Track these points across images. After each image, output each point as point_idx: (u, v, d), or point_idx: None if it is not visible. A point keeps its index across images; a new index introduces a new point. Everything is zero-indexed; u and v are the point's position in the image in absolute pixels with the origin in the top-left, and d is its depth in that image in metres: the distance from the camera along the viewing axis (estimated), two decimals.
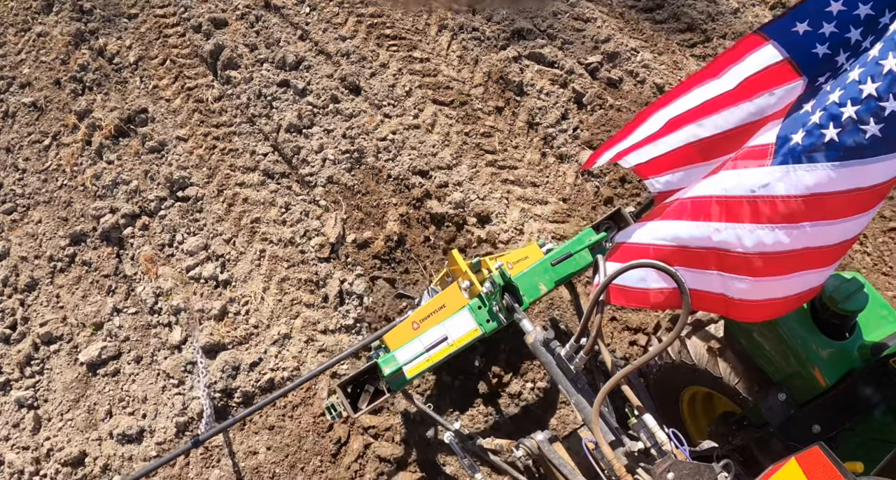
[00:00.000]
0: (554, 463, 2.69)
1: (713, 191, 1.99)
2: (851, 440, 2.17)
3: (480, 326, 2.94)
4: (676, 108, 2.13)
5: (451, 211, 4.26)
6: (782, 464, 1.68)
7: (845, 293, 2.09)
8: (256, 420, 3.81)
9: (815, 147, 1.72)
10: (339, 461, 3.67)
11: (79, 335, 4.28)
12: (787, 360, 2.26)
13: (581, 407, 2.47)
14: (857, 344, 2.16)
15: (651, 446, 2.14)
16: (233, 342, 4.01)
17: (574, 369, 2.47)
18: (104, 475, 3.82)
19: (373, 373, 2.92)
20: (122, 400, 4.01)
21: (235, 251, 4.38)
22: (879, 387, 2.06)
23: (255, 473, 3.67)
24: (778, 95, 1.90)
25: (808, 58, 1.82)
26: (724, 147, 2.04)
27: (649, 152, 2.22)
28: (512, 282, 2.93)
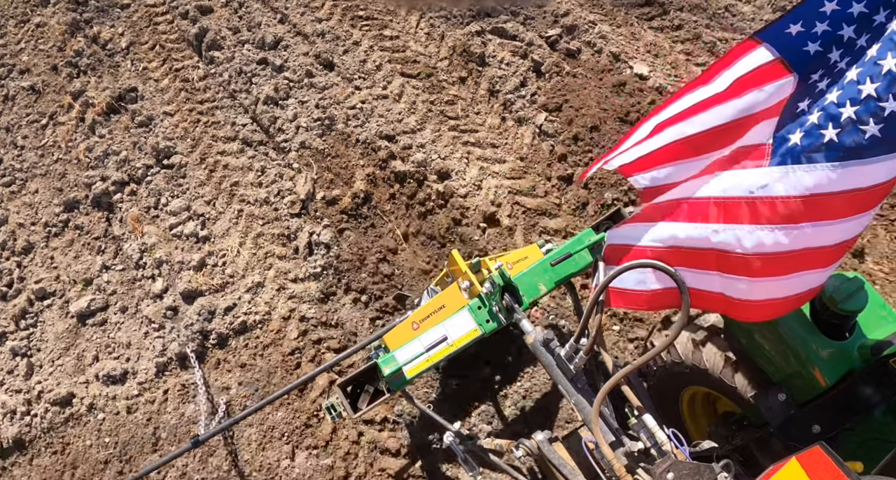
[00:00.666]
0: (554, 463, 2.71)
1: (711, 192, 2.01)
2: (851, 440, 2.17)
3: (480, 326, 2.96)
4: (665, 114, 2.16)
5: (412, 169, 4.63)
6: (783, 464, 1.69)
7: (845, 293, 2.10)
8: (230, 360, 4.16)
9: (815, 147, 1.73)
10: (305, 395, 4.00)
11: (70, 290, 4.67)
12: (787, 360, 2.27)
13: (581, 407, 2.50)
14: (857, 344, 2.17)
15: (651, 446, 2.16)
16: (210, 289, 4.38)
17: (574, 369, 2.49)
18: (90, 413, 4.18)
19: (373, 373, 2.96)
20: (108, 346, 4.39)
21: (215, 211, 4.77)
22: (879, 387, 2.07)
23: (227, 406, 4.01)
24: (768, 92, 1.90)
25: (800, 56, 1.84)
26: (713, 143, 2.06)
27: (635, 153, 2.23)
28: (512, 283, 2.95)
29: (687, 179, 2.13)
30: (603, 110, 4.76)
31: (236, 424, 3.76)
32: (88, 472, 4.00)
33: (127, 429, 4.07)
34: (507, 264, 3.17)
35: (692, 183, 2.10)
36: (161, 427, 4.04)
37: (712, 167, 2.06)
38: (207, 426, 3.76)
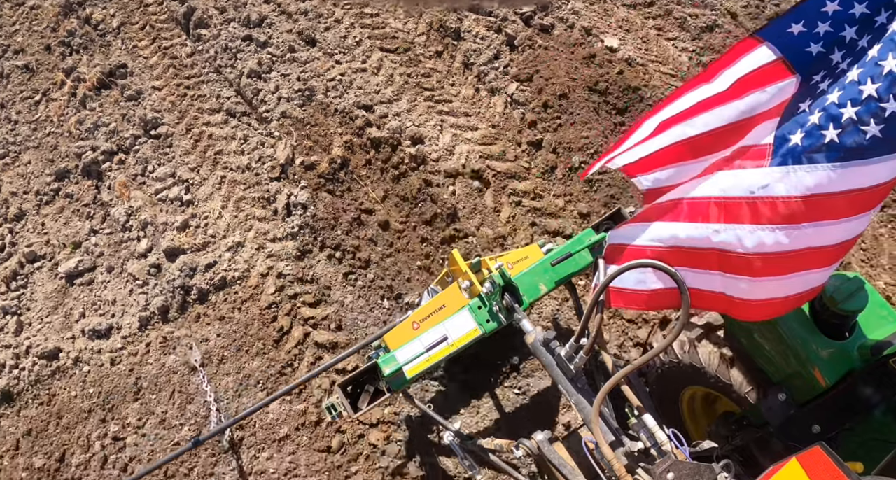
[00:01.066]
0: (554, 463, 2.73)
1: (711, 192, 2.02)
2: (851, 440, 2.18)
3: (480, 326, 2.99)
4: (667, 113, 2.17)
5: (387, 135, 4.85)
6: (783, 464, 1.70)
7: (845, 293, 2.11)
8: (210, 314, 4.37)
9: (815, 148, 1.75)
10: (280, 346, 4.21)
11: (59, 253, 4.90)
12: (787, 360, 2.29)
13: (581, 407, 2.53)
14: (857, 344, 2.18)
15: (651, 446, 2.19)
16: (192, 248, 4.60)
17: (574, 369, 2.52)
18: (75, 366, 4.39)
19: (373, 373, 3.01)
20: (94, 303, 4.60)
21: (199, 177, 5.00)
22: (879, 387, 2.09)
23: (206, 356, 4.21)
24: (770, 93, 1.91)
25: (802, 56, 1.84)
26: (715, 144, 2.07)
27: (638, 153, 2.24)
28: (512, 282, 2.98)
29: (689, 180, 2.14)
30: (572, 80, 4.98)
31: (235, 424, 3.79)
32: (73, 421, 4.20)
33: (110, 380, 4.28)
34: (508, 264, 3.20)
35: (693, 183, 2.12)
36: (142, 377, 4.24)
37: (713, 168, 2.08)
38: (208, 426, 3.82)
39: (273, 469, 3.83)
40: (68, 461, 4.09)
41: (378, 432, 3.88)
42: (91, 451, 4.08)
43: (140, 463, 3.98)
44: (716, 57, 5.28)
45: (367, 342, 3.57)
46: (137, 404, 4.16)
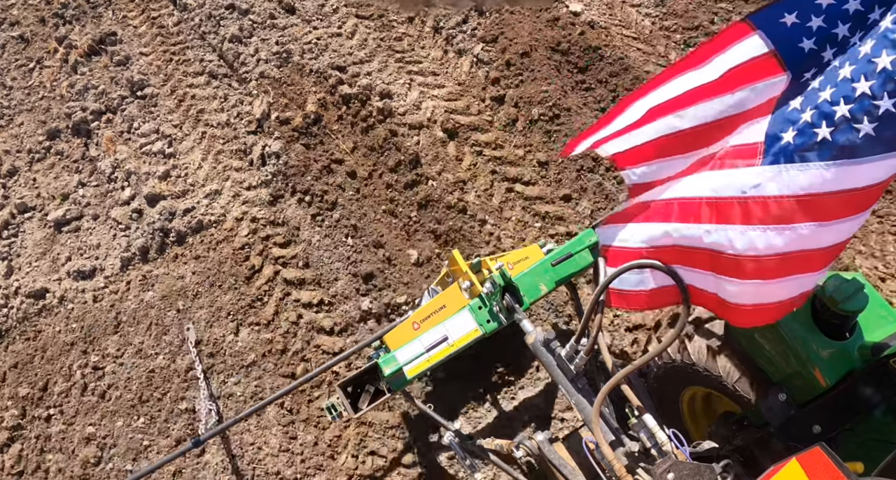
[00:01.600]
0: (554, 463, 2.75)
1: (702, 192, 2.00)
2: (852, 440, 2.20)
3: (481, 326, 3.02)
4: (657, 98, 2.14)
5: (358, 91, 5.16)
6: (783, 465, 1.71)
7: (845, 293, 2.12)
8: (186, 254, 4.68)
9: (808, 146, 1.72)
10: (251, 282, 4.50)
11: (49, 205, 5.22)
12: (787, 360, 2.30)
13: (581, 407, 2.54)
14: (858, 345, 2.19)
15: (651, 446, 2.20)
16: (172, 195, 4.92)
17: (574, 369, 2.54)
18: (60, 304, 4.70)
19: (373, 373, 3.03)
20: (79, 248, 4.92)
21: (181, 133, 5.33)
22: (879, 387, 2.10)
23: (181, 292, 4.51)
24: (759, 90, 1.89)
25: (794, 52, 1.81)
26: (703, 139, 2.05)
27: (627, 141, 2.22)
28: (512, 283, 3.01)
29: (676, 176, 2.14)
30: (535, 40, 5.28)
31: (235, 424, 3.81)
32: (56, 353, 4.51)
33: (92, 315, 4.58)
34: (508, 264, 3.24)
35: (682, 181, 2.11)
36: (122, 312, 4.55)
37: (700, 164, 2.07)
38: (207, 426, 3.86)
39: (240, 393, 4.12)
40: (51, 390, 4.39)
41: (315, 313, 4.16)
42: (72, 380, 4.38)
43: (117, 390, 4.27)
44: (678, 23, 5.59)
45: (367, 342, 3.61)
46: (116, 336, 4.46)
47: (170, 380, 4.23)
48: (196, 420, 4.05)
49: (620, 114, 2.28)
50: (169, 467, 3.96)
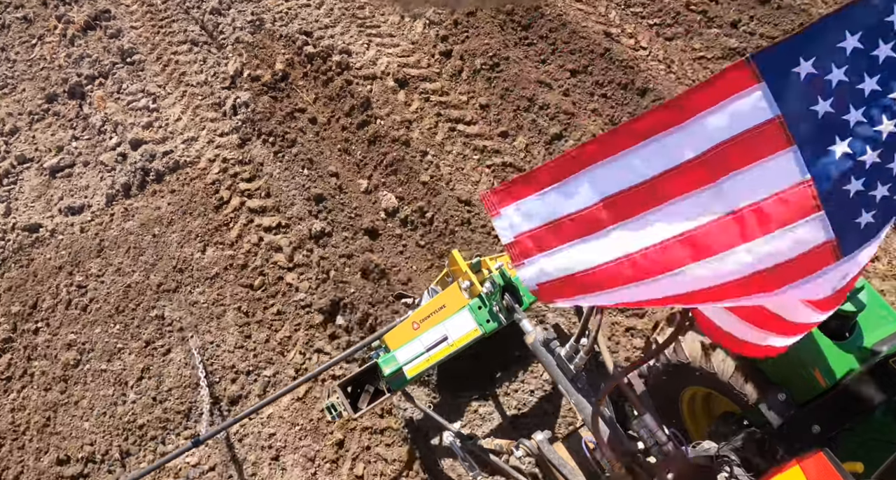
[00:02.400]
0: (554, 463, 2.76)
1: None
2: (851, 440, 2.21)
3: (480, 326, 3.06)
4: (613, 177, 1.71)
5: (321, 50, 5.82)
6: (785, 468, 1.71)
7: None
8: (164, 189, 5.30)
9: None
10: (219, 211, 5.11)
11: (45, 156, 5.90)
12: (787, 360, 2.28)
13: (581, 407, 2.56)
14: (857, 345, 2.21)
15: (651, 446, 2.21)
16: (153, 141, 5.57)
17: (574, 369, 2.56)
18: (52, 237, 5.33)
19: (373, 373, 3.06)
20: (71, 190, 5.57)
21: (165, 92, 6.01)
22: (879, 387, 2.11)
23: (158, 220, 5.12)
24: (756, 174, 1.53)
25: (805, 118, 1.47)
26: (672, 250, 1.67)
27: (558, 259, 1.88)
28: (512, 283, 3.04)
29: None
30: (481, 1, 5.92)
31: (235, 424, 3.93)
32: (45, 276, 5.11)
33: (79, 243, 5.20)
34: (508, 264, 3.26)
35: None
36: (105, 239, 5.16)
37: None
38: (208, 425, 3.97)
39: (203, 300, 4.68)
40: (39, 306, 4.98)
41: (295, 274, 4.72)
42: (58, 297, 4.97)
43: (97, 303, 4.85)
44: None
45: (366, 342, 3.65)
46: (99, 259, 5.07)
47: (143, 293, 4.81)
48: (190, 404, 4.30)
49: (555, 183, 1.82)
50: (138, 363, 4.52)
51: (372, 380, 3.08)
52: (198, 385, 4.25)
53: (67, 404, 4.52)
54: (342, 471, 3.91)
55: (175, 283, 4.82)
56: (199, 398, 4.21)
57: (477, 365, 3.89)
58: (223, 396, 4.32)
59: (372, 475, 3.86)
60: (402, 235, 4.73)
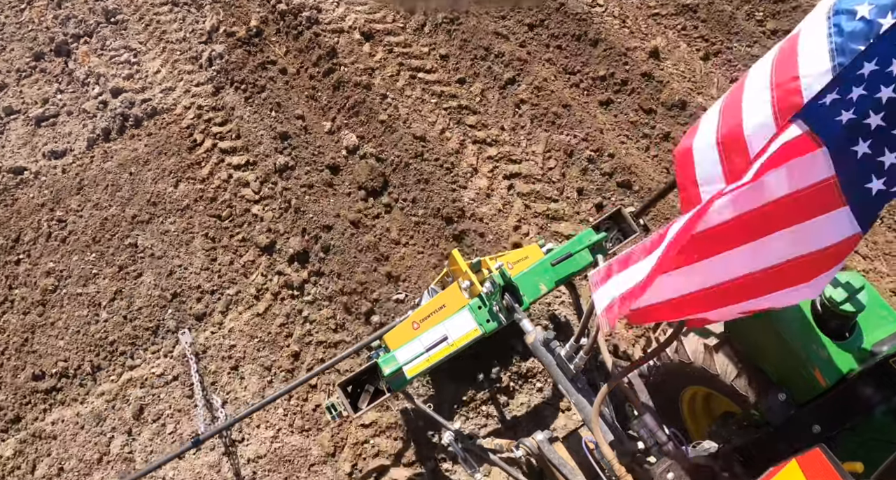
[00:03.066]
0: (554, 463, 2.79)
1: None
2: (852, 440, 2.22)
3: (480, 326, 3.09)
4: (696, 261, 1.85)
5: (293, 7, 6.21)
6: (783, 466, 1.75)
7: (846, 294, 2.16)
8: (141, 133, 5.68)
9: None
10: (193, 152, 5.48)
11: (31, 108, 6.28)
12: (787, 360, 2.34)
13: (581, 407, 2.60)
14: (858, 345, 2.24)
15: (651, 446, 2.26)
16: (133, 90, 5.95)
17: (574, 369, 2.59)
18: (35, 179, 5.70)
19: (373, 373, 3.10)
20: (54, 137, 5.94)
21: (146, 48, 6.40)
22: (879, 387, 2.13)
23: (134, 161, 5.49)
24: (786, 172, 1.65)
25: (831, 126, 1.63)
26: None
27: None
28: (512, 282, 3.08)
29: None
30: None
31: (236, 424, 4.04)
32: (28, 213, 5.48)
33: (60, 183, 5.57)
34: (508, 264, 3.32)
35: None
36: (85, 178, 5.53)
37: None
38: (207, 425, 4.05)
39: (174, 229, 5.05)
40: (22, 240, 5.35)
41: (260, 206, 5.08)
42: (40, 231, 5.34)
43: (75, 235, 5.21)
44: None
45: (366, 342, 3.68)
46: (79, 196, 5.44)
47: (118, 225, 5.17)
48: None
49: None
50: (111, 286, 4.87)
51: (372, 380, 3.13)
52: (191, 383, 4.32)
53: (44, 326, 4.88)
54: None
55: (148, 215, 5.18)
56: (194, 395, 4.27)
57: (477, 365, 4.00)
58: (189, 314, 4.67)
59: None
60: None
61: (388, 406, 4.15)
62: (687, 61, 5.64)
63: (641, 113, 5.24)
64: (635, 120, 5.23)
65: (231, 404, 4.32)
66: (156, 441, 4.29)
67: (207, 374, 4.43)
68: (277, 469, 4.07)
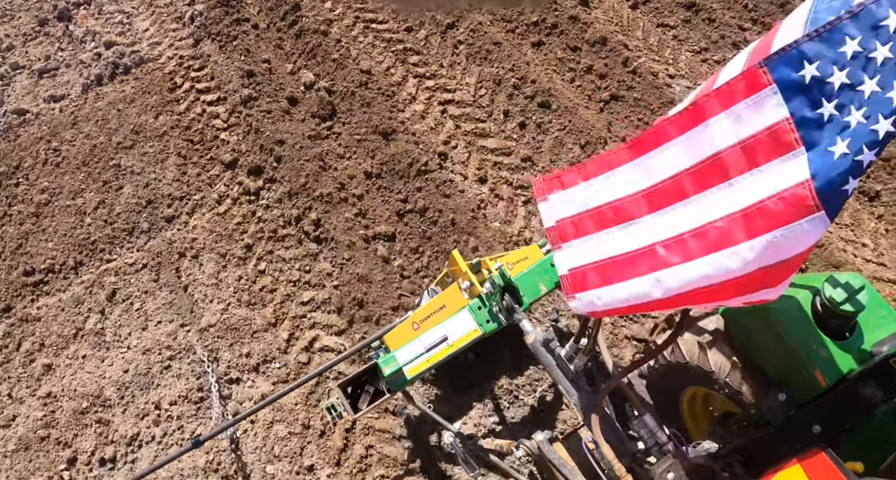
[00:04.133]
0: (554, 463, 2.84)
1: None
2: (852, 440, 2.26)
3: (480, 326, 3.17)
4: (643, 174, 1.97)
5: None
6: (785, 466, 1.76)
7: (846, 294, 2.20)
8: (129, 79, 6.60)
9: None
10: (173, 92, 6.38)
11: (35, 63, 7.25)
12: (787, 360, 2.38)
13: (581, 407, 2.64)
14: (858, 345, 2.28)
15: (651, 446, 2.32)
16: (123, 43, 6.91)
17: (574, 369, 2.64)
18: (36, 119, 6.62)
19: (373, 374, 3.17)
20: (54, 85, 6.89)
21: (137, 11, 7.39)
22: (879, 387, 2.16)
23: (122, 99, 6.39)
24: (764, 171, 1.70)
25: (811, 121, 1.63)
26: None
27: (584, 249, 2.10)
28: (512, 283, 3.16)
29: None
30: None
31: (237, 423, 4.18)
32: (28, 145, 6.39)
33: (57, 119, 6.49)
34: (508, 264, 3.38)
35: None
36: (79, 116, 6.44)
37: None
38: (217, 419, 4.26)
39: (152, 151, 5.90)
40: (22, 167, 6.24)
41: (227, 132, 5.92)
42: (37, 159, 6.23)
43: (67, 160, 6.09)
44: None
45: (367, 342, 3.76)
46: (73, 129, 6.34)
47: (105, 150, 6.05)
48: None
49: (593, 177, 2.13)
50: (95, 198, 5.71)
51: (372, 381, 3.22)
52: (209, 390, 4.58)
53: (37, 233, 5.73)
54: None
55: (131, 142, 6.06)
56: (210, 400, 4.55)
57: (477, 365, 4.13)
58: (161, 217, 5.49)
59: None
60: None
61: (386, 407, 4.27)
62: (616, 9, 6.45)
63: (568, 50, 6.05)
64: (562, 56, 6.03)
65: (191, 286, 5.10)
66: (124, 317, 5.08)
67: (172, 264, 5.22)
68: (225, 336, 4.83)
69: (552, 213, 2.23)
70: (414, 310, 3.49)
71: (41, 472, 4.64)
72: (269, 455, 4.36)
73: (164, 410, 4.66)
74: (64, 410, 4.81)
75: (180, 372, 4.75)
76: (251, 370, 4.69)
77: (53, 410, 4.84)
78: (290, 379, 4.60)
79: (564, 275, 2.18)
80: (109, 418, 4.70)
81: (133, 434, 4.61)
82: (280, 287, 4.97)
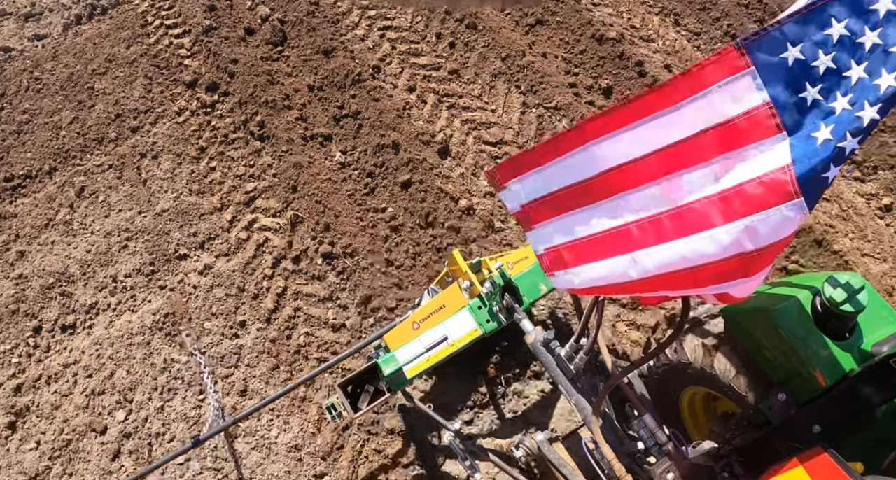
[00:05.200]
0: (554, 463, 2.88)
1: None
2: (852, 440, 2.27)
3: (480, 326, 3.23)
4: (610, 153, 1.91)
5: None
6: (785, 465, 1.80)
7: (846, 294, 2.22)
8: (106, 19, 7.41)
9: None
10: (145, 28, 7.18)
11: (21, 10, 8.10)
12: (787, 360, 2.41)
13: (581, 407, 2.66)
14: (858, 345, 2.30)
15: (651, 446, 2.33)
16: None
17: (574, 369, 2.66)
18: (21, 55, 7.44)
19: (373, 373, 3.24)
20: (38, 27, 7.73)
21: None
22: (880, 387, 2.19)
23: (98, 35, 7.20)
24: (745, 156, 1.66)
25: (793, 106, 1.60)
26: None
27: (558, 228, 2.13)
28: (512, 283, 3.21)
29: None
30: None
31: (235, 424, 4.25)
32: (12, 76, 7.20)
33: (39, 54, 7.32)
34: (508, 264, 3.45)
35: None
36: (59, 50, 7.26)
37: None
38: (215, 421, 4.29)
39: (122, 75, 6.69)
40: (6, 94, 7.06)
41: (190, 59, 6.70)
42: (21, 86, 7.03)
43: (48, 89, 6.88)
44: None
45: (366, 342, 3.82)
46: (53, 61, 7.16)
47: (81, 76, 6.87)
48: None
49: (557, 158, 2.08)
50: (70, 115, 6.49)
51: (372, 380, 3.30)
52: (204, 384, 4.67)
53: (17, 146, 6.52)
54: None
55: (104, 69, 6.86)
56: (207, 397, 4.66)
57: (477, 365, 4.23)
58: (127, 128, 6.26)
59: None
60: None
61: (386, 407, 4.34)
62: None
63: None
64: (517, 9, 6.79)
65: (150, 180, 5.84)
66: (90, 209, 5.83)
67: (132, 163, 5.97)
68: (176, 219, 5.56)
69: (515, 199, 2.26)
70: (414, 310, 3.59)
71: (10, 340, 5.36)
72: (208, 313, 5.06)
73: (119, 282, 5.38)
74: (33, 287, 5.54)
75: (135, 250, 5.48)
76: (197, 247, 5.41)
77: (24, 288, 5.58)
78: (230, 252, 5.32)
79: (541, 255, 2.26)
80: (72, 291, 5.42)
81: (92, 303, 5.33)
82: (228, 180, 5.71)
